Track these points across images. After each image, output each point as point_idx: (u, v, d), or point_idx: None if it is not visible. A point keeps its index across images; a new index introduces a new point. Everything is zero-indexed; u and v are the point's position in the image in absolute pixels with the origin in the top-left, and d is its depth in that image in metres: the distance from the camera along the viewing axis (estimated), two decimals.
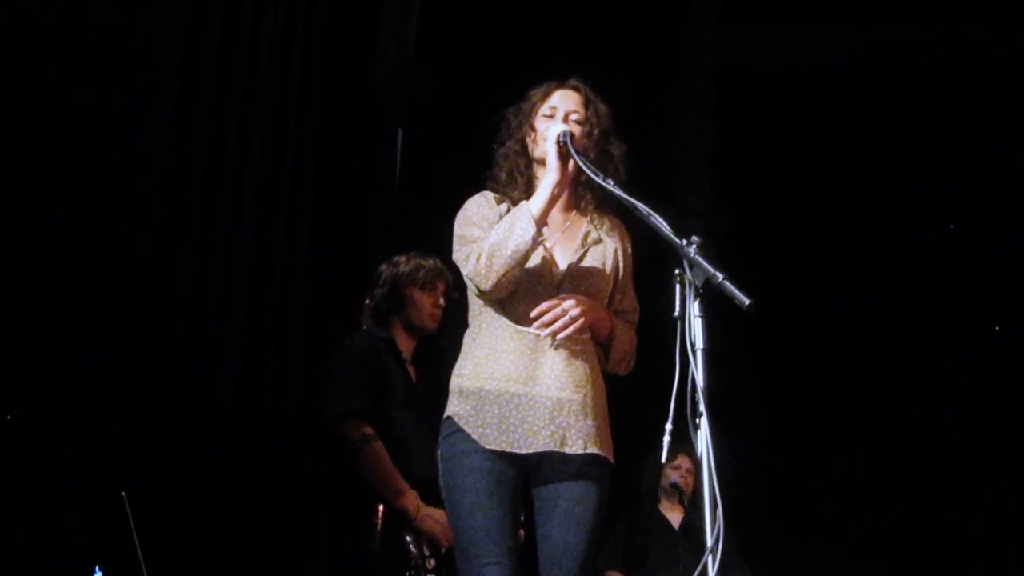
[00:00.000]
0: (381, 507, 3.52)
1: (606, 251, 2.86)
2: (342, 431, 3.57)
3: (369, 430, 3.54)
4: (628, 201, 2.54)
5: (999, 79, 6.32)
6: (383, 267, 3.82)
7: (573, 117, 2.83)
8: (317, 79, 4.77)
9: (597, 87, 2.92)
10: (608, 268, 2.84)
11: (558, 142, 2.70)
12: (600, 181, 2.65)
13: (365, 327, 3.81)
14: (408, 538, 3.49)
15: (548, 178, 2.70)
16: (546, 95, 2.89)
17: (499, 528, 2.62)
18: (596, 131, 2.83)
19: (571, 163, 2.71)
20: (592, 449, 2.70)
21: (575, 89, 2.89)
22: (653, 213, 2.44)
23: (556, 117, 2.83)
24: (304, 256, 4.57)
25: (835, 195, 6.57)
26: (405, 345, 3.78)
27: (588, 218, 2.89)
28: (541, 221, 2.67)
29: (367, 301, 3.84)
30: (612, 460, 2.77)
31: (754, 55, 6.80)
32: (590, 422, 2.70)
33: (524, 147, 2.87)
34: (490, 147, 2.94)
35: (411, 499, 3.51)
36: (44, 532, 3.24)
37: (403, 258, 3.80)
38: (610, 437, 2.79)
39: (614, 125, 2.88)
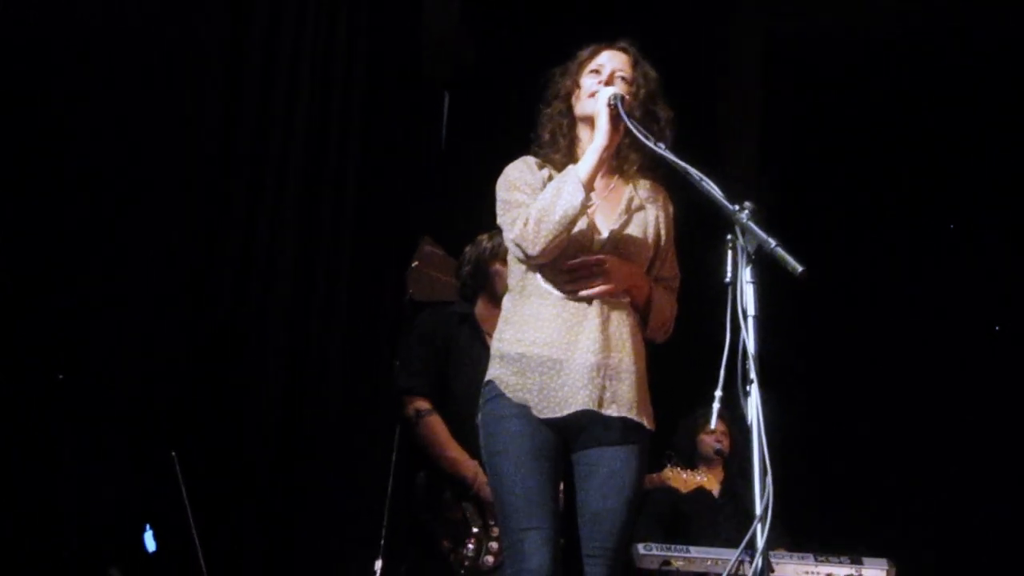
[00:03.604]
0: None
1: (647, 218, 2.82)
2: (401, 407, 3.72)
3: (425, 404, 3.66)
4: (680, 166, 2.49)
5: None
6: (467, 248, 3.90)
7: (620, 75, 2.79)
8: (364, 48, 4.77)
9: (646, 50, 2.87)
10: (650, 235, 2.81)
11: (609, 104, 2.67)
12: (651, 145, 2.60)
13: (411, 291, 3.89)
14: (468, 507, 3.56)
15: (597, 141, 2.67)
16: (593, 54, 2.86)
17: (539, 493, 2.60)
18: (643, 91, 2.79)
19: (621, 126, 2.68)
20: (628, 414, 2.67)
21: (623, 50, 2.85)
22: (705, 178, 2.40)
23: (602, 74, 2.79)
24: (351, 223, 4.59)
25: (884, 163, 6.47)
26: (489, 317, 3.79)
27: (631, 184, 2.85)
28: (589, 186, 2.64)
29: (413, 264, 3.91)
30: (651, 426, 2.74)
31: (803, 21, 6.69)
32: (626, 387, 2.67)
33: (568, 106, 2.85)
34: (536, 109, 2.90)
35: (469, 468, 3.56)
36: (96, 492, 3.30)
37: (485, 236, 3.85)
38: (649, 403, 2.76)
39: (662, 90, 2.83)
